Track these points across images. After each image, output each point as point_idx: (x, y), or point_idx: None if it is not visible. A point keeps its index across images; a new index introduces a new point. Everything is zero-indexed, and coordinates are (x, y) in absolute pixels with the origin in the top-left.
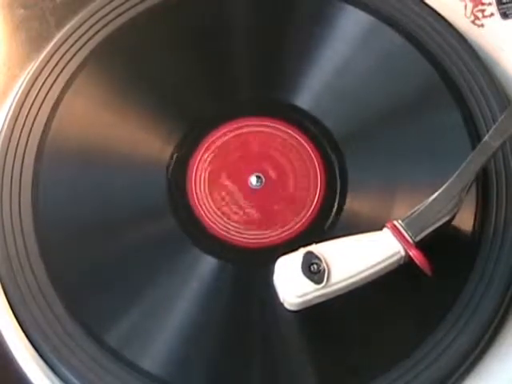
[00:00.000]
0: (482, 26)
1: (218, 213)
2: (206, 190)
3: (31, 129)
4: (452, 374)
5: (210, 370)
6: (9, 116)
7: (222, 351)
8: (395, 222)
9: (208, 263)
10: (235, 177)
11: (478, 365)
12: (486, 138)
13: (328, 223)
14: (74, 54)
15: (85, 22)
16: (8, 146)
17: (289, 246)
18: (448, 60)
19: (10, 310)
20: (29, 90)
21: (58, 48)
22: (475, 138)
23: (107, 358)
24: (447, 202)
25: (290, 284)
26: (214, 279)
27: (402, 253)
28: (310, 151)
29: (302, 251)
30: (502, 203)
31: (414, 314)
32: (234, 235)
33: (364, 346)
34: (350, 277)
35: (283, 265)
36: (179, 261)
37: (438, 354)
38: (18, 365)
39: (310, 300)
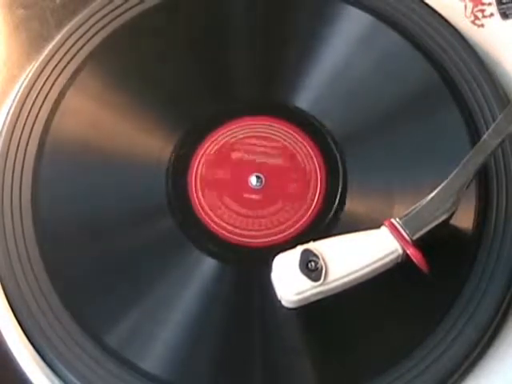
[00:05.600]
0: (482, 25)
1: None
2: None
3: (32, 129)
4: (452, 374)
5: (210, 369)
6: (9, 116)
7: (223, 351)
8: (393, 220)
9: (208, 264)
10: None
11: (477, 365)
12: (485, 136)
13: (328, 223)
14: (74, 55)
15: (85, 22)
16: (9, 146)
17: (289, 246)
18: (448, 60)
19: (10, 310)
20: (29, 90)
21: (58, 48)
22: (475, 137)
23: (107, 358)
24: (445, 200)
25: (288, 281)
26: (213, 279)
27: (400, 251)
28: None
29: (299, 249)
30: (502, 203)
31: (414, 314)
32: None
33: (364, 346)
34: (348, 274)
35: (281, 262)
36: (179, 261)
37: (438, 354)
38: (17, 365)
39: (308, 297)
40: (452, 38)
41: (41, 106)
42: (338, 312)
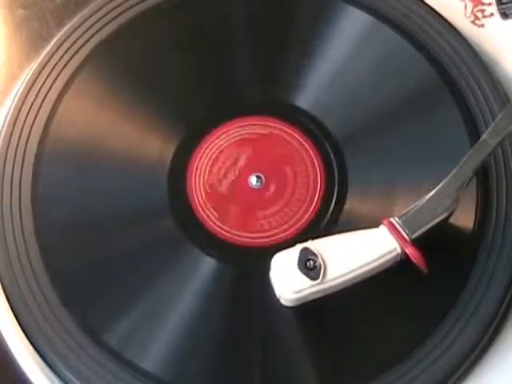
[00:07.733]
0: (482, 25)
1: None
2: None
3: (31, 129)
4: (452, 374)
5: (209, 370)
6: (9, 116)
7: (222, 351)
8: (392, 219)
9: (208, 263)
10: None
11: (478, 365)
12: (484, 136)
13: (328, 223)
14: (74, 54)
15: (84, 22)
16: (8, 146)
17: (288, 246)
18: (448, 60)
19: (10, 310)
20: (29, 90)
21: (58, 48)
22: (475, 137)
23: (107, 357)
24: (444, 199)
25: (286, 280)
26: (213, 279)
27: (399, 250)
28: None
29: (298, 247)
30: (502, 202)
31: (414, 314)
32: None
33: (364, 346)
34: (346, 273)
35: (279, 261)
36: (179, 261)
37: (438, 354)
38: (18, 365)
39: (306, 296)
40: (452, 37)
41: (40, 106)
42: (338, 312)
